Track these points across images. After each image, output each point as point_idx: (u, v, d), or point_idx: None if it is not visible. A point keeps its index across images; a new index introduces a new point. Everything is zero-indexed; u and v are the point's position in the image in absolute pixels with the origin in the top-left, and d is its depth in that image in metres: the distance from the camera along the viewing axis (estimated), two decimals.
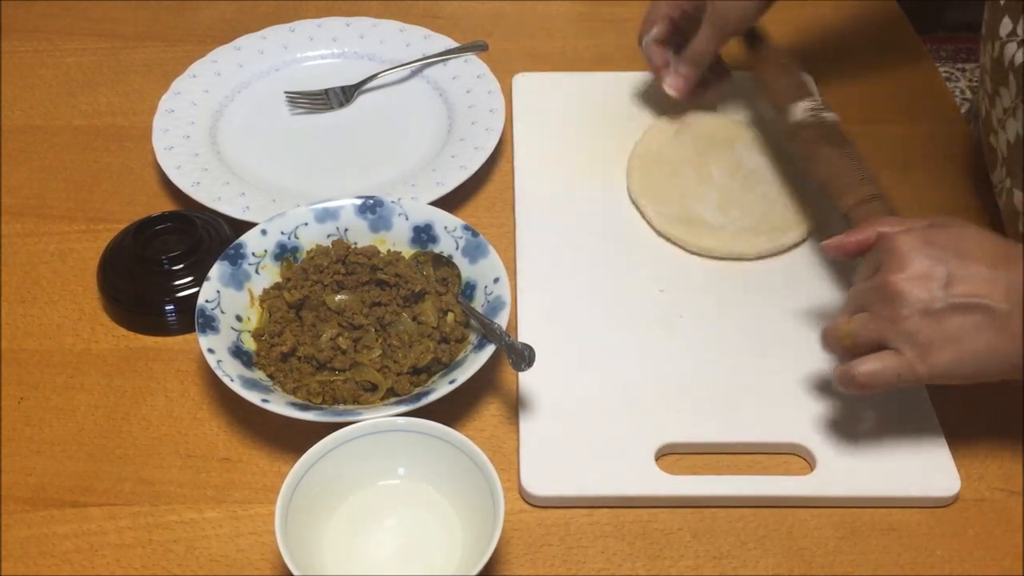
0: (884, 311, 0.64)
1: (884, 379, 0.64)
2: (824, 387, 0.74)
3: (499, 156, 0.94)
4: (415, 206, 0.82)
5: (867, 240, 0.68)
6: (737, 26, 0.91)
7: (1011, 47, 0.77)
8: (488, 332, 0.73)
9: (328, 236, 0.81)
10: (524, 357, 0.70)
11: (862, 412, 0.72)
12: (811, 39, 1.09)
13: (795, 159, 0.88)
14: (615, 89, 1.01)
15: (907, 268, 0.64)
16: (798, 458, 0.71)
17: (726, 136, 0.94)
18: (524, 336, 0.78)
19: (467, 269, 0.78)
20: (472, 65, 1.02)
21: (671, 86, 0.93)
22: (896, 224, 0.68)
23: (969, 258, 0.63)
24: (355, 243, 0.81)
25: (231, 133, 0.97)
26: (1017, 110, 0.77)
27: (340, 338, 0.75)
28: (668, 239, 0.86)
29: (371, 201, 0.82)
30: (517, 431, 0.72)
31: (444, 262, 0.79)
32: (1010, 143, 0.79)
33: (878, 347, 0.65)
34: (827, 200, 0.81)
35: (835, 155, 0.81)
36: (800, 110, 0.85)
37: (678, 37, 0.93)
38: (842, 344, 0.67)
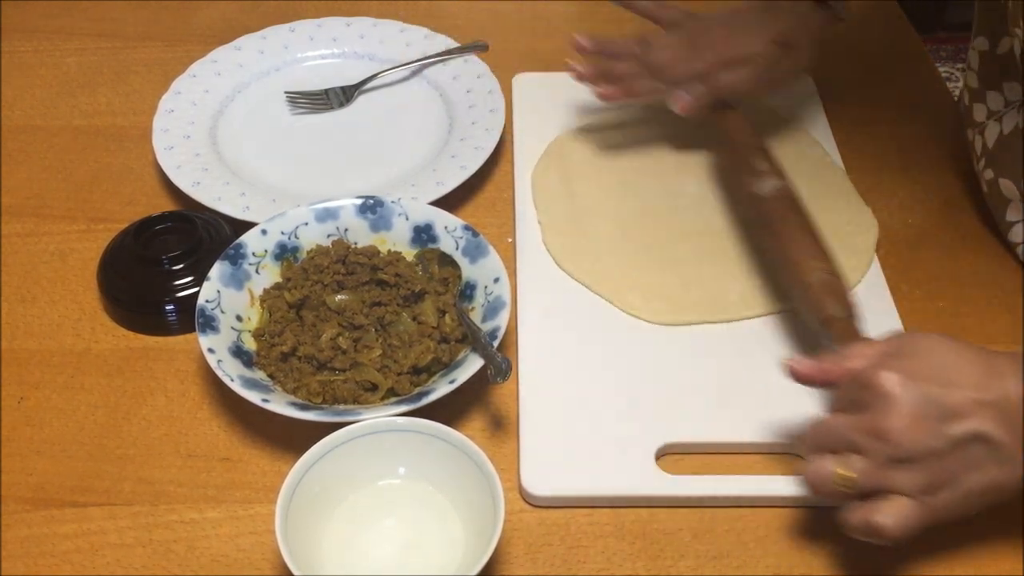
0: (881, 457, 0.59)
1: (908, 529, 0.59)
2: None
3: (499, 156, 0.94)
4: (415, 206, 0.82)
5: (837, 376, 0.63)
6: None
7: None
8: (473, 340, 0.73)
9: (328, 236, 0.81)
10: (501, 370, 0.69)
11: None
12: None
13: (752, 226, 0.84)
14: None
15: (898, 411, 0.58)
16: (798, 458, 0.71)
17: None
18: (524, 336, 0.78)
19: (467, 269, 0.78)
20: (472, 65, 1.02)
21: (679, 104, 0.87)
22: (867, 354, 0.63)
23: (955, 385, 0.59)
24: (355, 243, 0.81)
25: (231, 133, 0.97)
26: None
27: (340, 338, 0.75)
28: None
29: (371, 201, 0.82)
30: (517, 431, 0.72)
31: (449, 260, 0.79)
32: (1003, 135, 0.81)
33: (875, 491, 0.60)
34: (782, 273, 0.77)
35: (780, 234, 0.77)
36: (766, 186, 0.80)
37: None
38: (838, 491, 0.61)
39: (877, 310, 0.79)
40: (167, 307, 0.80)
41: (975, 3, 0.84)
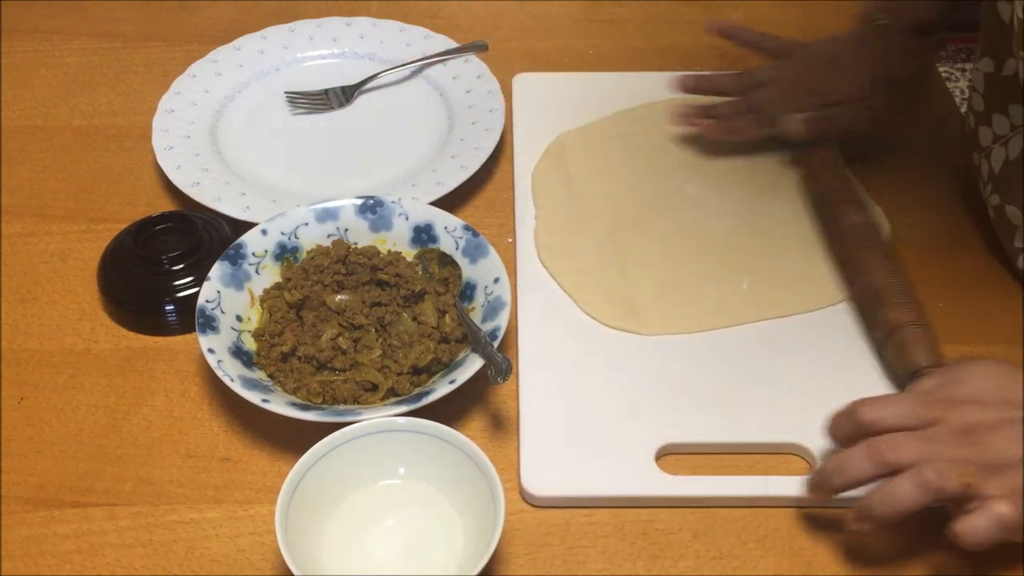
0: (978, 463, 0.60)
1: (1014, 527, 0.59)
2: (823, 387, 0.74)
3: (499, 156, 0.94)
4: (415, 206, 0.82)
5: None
6: (841, 133, 0.89)
7: None
8: (474, 340, 0.73)
9: (328, 236, 0.81)
10: (501, 370, 0.69)
11: None
12: (811, 39, 1.08)
13: (840, 262, 0.82)
14: (615, 89, 1.00)
15: (988, 424, 0.61)
16: (798, 458, 0.71)
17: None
18: (524, 335, 0.78)
19: (467, 269, 0.78)
20: (472, 65, 1.02)
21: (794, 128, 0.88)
22: (931, 381, 0.65)
23: (1018, 406, 0.61)
24: (355, 243, 0.81)
25: (231, 133, 0.97)
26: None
27: (340, 338, 0.75)
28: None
29: (371, 201, 0.82)
30: (517, 431, 0.72)
31: (449, 260, 0.79)
32: (1008, 161, 0.79)
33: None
34: (865, 312, 0.77)
35: (883, 268, 0.77)
36: (851, 215, 0.81)
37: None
38: (951, 492, 0.59)
39: None
40: (167, 307, 0.80)
41: (981, 23, 0.83)
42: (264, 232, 0.80)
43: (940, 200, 0.90)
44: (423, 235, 0.81)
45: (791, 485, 0.69)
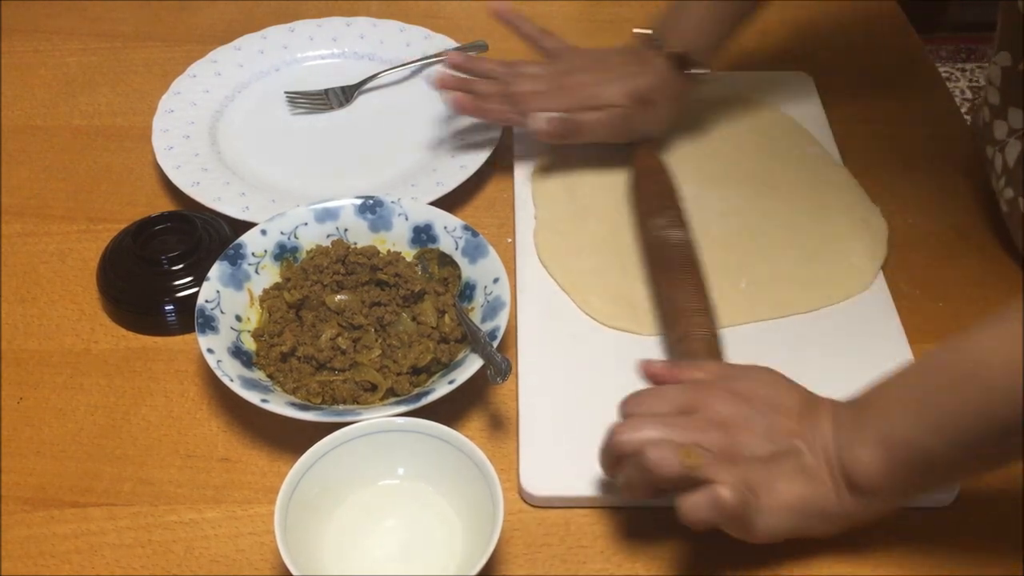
0: (715, 451, 0.62)
1: (732, 510, 0.60)
2: (821, 387, 0.74)
3: (499, 156, 0.94)
4: (415, 206, 0.82)
5: (684, 379, 0.67)
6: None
7: None
8: (473, 340, 0.73)
9: (328, 236, 0.81)
10: (501, 370, 0.70)
11: None
12: (811, 39, 1.09)
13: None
14: None
15: (737, 419, 0.63)
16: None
17: None
18: (524, 336, 0.78)
19: (467, 269, 0.78)
20: None
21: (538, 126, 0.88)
22: (712, 369, 0.68)
23: (780, 411, 0.64)
24: (355, 243, 0.81)
25: (231, 133, 0.97)
26: None
27: (340, 338, 0.75)
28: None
29: (371, 201, 0.82)
30: (516, 431, 0.72)
31: (448, 260, 0.79)
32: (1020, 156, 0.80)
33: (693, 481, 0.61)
34: (662, 324, 0.78)
35: (676, 281, 0.78)
36: (655, 226, 0.82)
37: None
38: (680, 470, 0.60)
39: (877, 310, 0.79)
40: (166, 307, 0.80)
41: (999, 18, 0.83)
42: (264, 232, 0.80)
43: (940, 200, 0.90)
44: (423, 235, 0.81)
45: None
